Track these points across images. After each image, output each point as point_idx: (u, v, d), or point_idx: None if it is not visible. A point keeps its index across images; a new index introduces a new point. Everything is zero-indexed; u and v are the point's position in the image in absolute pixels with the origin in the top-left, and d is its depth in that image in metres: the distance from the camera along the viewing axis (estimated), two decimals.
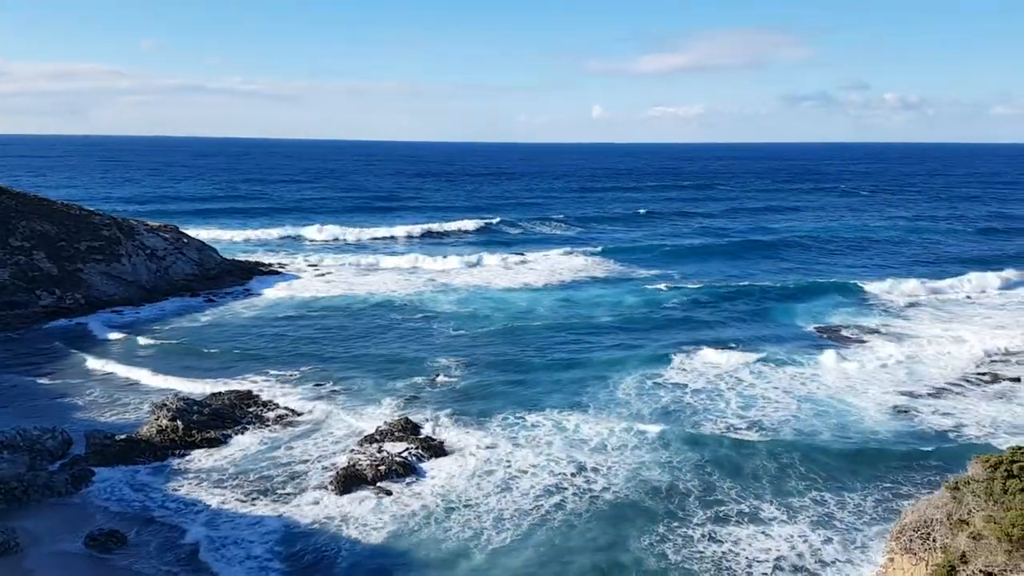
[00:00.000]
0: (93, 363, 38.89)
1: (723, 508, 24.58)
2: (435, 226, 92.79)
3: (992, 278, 59.33)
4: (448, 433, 30.37)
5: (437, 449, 28.83)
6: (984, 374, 38.10)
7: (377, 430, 30.11)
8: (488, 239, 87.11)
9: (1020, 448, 13.19)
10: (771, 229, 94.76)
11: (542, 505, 24.75)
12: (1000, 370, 38.67)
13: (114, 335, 43.96)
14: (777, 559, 21.73)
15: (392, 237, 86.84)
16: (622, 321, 48.29)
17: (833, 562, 21.60)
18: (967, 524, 12.02)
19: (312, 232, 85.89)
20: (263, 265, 65.56)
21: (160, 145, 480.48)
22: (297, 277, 62.14)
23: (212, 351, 41.09)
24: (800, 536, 22.90)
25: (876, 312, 51.17)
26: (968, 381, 37.13)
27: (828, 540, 22.68)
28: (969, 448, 28.29)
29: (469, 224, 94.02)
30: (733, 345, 42.52)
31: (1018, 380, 37.13)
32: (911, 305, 53.01)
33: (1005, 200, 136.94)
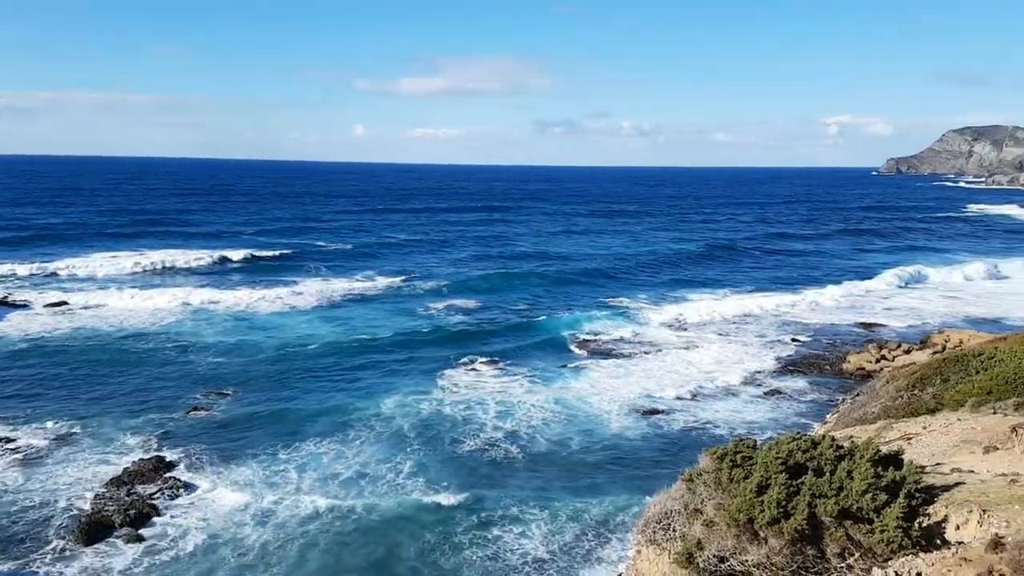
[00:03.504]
0: None
1: (487, 515, 25.29)
2: (200, 253, 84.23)
3: (724, 295, 66.16)
4: (205, 469, 28.72)
5: (193, 487, 27.17)
6: (714, 373, 42.42)
7: (125, 471, 27.84)
8: (260, 265, 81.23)
9: (743, 440, 14.60)
10: (540, 250, 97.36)
11: (309, 531, 24.18)
12: (723, 370, 43.15)
13: None
14: (537, 559, 22.73)
15: (147, 265, 77.52)
16: (396, 344, 48.03)
17: (588, 556, 22.92)
18: (701, 513, 13.19)
19: (51, 260, 76.54)
20: None
21: None
22: (28, 308, 55.88)
23: None
24: (558, 535, 24.06)
25: (629, 327, 54.53)
26: (703, 385, 40.98)
27: (585, 537, 24.04)
28: (706, 442, 31.27)
29: (237, 251, 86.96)
30: (499, 361, 44.01)
31: (741, 377, 41.77)
32: (660, 321, 56.94)
33: (737, 220, 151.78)
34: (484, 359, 44.31)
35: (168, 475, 27.80)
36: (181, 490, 26.78)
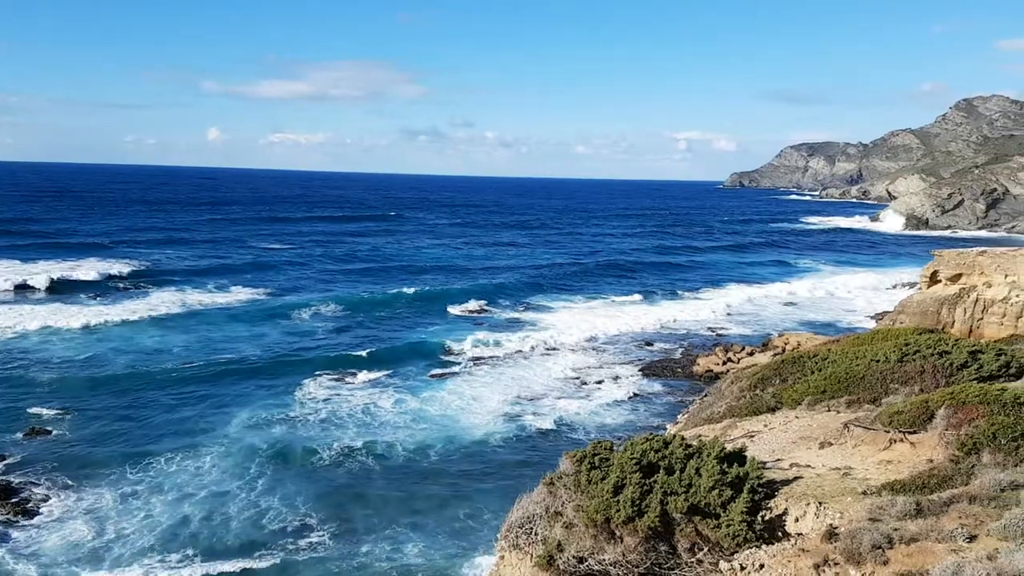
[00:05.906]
0: None
1: (348, 533, 24.92)
2: (46, 264, 76.49)
3: (587, 304, 68.23)
4: (46, 494, 26.93)
5: (33, 513, 25.42)
6: (575, 379, 43.83)
7: None
8: (112, 276, 74.35)
9: (600, 442, 15.08)
10: (409, 261, 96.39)
11: (159, 555, 23.17)
12: (584, 376, 44.57)
13: None
14: (412, 568, 22.67)
15: None
16: (256, 357, 46.46)
17: (460, 561, 23.07)
18: (561, 515, 13.58)
19: None
20: None
21: None
22: None
23: None
24: (427, 547, 24.04)
25: (496, 336, 54.16)
26: (565, 391, 42.04)
27: (454, 542, 24.12)
28: (567, 446, 32.14)
29: (86, 260, 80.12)
30: (365, 373, 43.31)
31: (601, 382, 43.19)
32: (526, 330, 57.47)
33: (601, 231, 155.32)
34: (349, 372, 43.54)
35: (7, 501, 25.86)
36: (18, 517, 24.98)
